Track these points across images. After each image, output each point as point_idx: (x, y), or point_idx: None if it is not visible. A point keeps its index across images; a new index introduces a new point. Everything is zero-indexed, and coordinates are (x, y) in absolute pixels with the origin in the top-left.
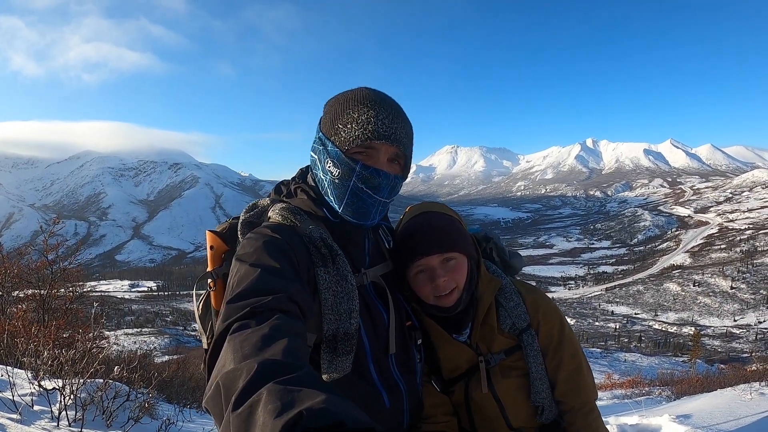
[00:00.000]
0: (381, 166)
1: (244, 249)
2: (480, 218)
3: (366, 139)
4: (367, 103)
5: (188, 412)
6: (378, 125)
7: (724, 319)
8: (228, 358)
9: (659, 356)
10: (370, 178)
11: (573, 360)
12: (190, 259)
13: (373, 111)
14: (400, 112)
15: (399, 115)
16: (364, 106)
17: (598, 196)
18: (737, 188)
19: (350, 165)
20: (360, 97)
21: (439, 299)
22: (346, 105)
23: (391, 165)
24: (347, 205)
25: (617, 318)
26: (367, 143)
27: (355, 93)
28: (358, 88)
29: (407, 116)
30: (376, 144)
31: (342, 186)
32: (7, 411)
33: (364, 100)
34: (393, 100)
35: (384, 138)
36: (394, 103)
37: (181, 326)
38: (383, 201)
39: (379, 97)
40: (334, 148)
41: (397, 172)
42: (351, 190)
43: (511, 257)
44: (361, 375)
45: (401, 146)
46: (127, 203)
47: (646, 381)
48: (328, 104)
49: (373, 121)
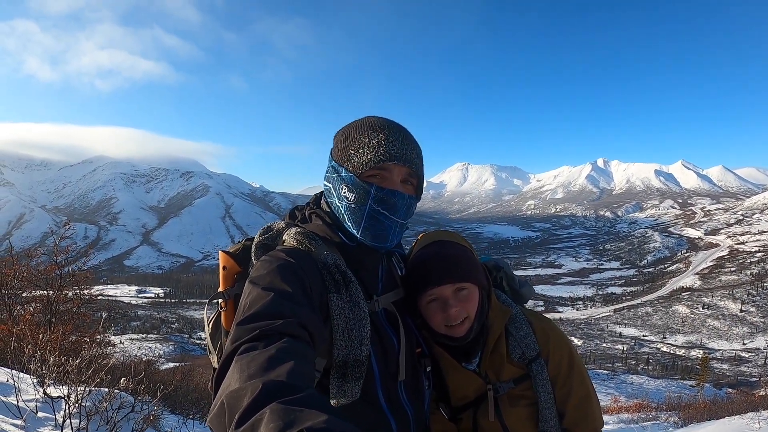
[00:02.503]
0: (395, 186)
1: (258, 272)
2: (489, 236)
3: (378, 162)
4: (376, 128)
5: (192, 423)
6: (389, 147)
7: (733, 343)
8: (234, 378)
9: (667, 379)
10: (386, 199)
11: (582, 389)
12: (198, 268)
13: (383, 134)
14: (408, 135)
15: (408, 137)
16: (373, 131)
17: (609, 217)
18: (748, 210)
19: (365, 188)
20: (369, 124)
21: (451, 329)
22: (356, 132)
23: (404, 186)
24: (365, 228)
25: (625, 340)
26: (379, 165)
27: (363, 121)
28: (366, 117)
29: (416, 139)
30: (389, 165)
31: (359, 210)
32: (12, 416)
33: (373, 126)
34: (400, 125)
35: (396, 159)
36: (402, 127)
37: (187, 334)
38: (400, 222)
39: (388, 122)
40: (348, 173)
41: (411, 192)
42: (368, 213)
43: (521, 286)
44: (370, 401)
45: (413, 166)
46: (138, 209)
47: (653, 405)
48: (338, 135)
49: (384, 144)
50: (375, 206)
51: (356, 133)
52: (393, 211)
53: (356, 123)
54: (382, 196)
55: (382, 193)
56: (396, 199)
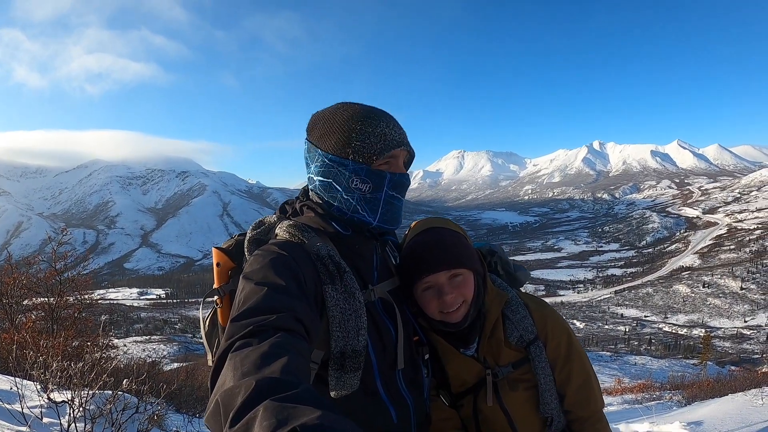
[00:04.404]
0: (402, 170)
1: (251, 267)
2: (488, 223)
3: (389, 150)
4: (372, 117)
5: (197, 422)
6: (393, 134)
7: (735, 320)
8: (228, 376)
9: (669, 359)
10: (399, 183)
11: (582, 371)
12: (198, 267)
13: (382, 122)
14: (394, 119)
15: (396, 121)
16: (371, 120)
17: (606, 199)
18: (745, 188)
19: (381, 176)
20: (361, 113)
21: (447, 315)
22: (351, 123)
23: (405, 167)
24: (383, 214)
25: (627, 321)
26: (388, 153)
27: (350, 110)
28: (343, 105)
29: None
30: (396, 152)
31: (375, 199)
32: (17, 423)
33: (367, 115)
34: (382, 109)
35: (401, 144)
36: (385, 111)
37: (190, 334)
38: (403, 201)
39: (376, 109)
40: (358, 165)
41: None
42: (384, 200)
43: (516, 270)
44: (369, 391)
45: (409, 147)
46: (135, 211)
47: (657, 385)
48: (322, 127)
49: (387, 132)
50: (390, 192)
51: (353, 124)
52: (403, 193)
53: (341, 113)
54: (397, 181)
55: (396, 179)
56: (406, 182)
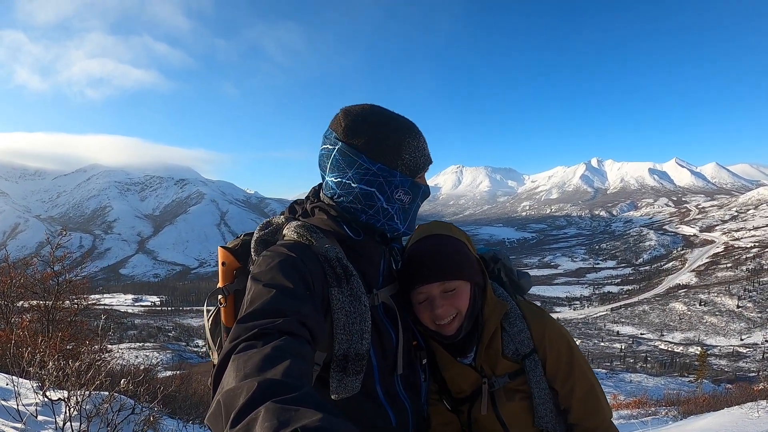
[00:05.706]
0: (427, 183)
1: (259, 267)
2: (485, 238)
3: (427, 165)
4: (417, 131)
5: (192, 427)
6: (428, 150)
7: (731, 338)
8: (230, 377)
9: (665, 377)
10: (426, 195)
11: (585, 382)
12: (194, 275)
13: (422, 137)
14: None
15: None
16: (413, 133)
17: (603, 216)
18: (743, 206)
19: (419, 189)
20: (403, 125)
21: (440, 327)
22: (399, 134)
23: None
24: (410, 222)
25: (623, 338)
26: (426, 168)
27: (394, 119)
28: (382, 110)
29: None
30: (429, 166)
31: (409, 209)
32: (12, 420)
33: (408, 127)
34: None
35: (432, 160)
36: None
37: (184, 342)
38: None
39: (408, 121)
40: (405, 177)
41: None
42: (414, 210)
43: (520, 277)
44: (368, 394)
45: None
46: (133, 217)
47: (653, 401)
48: (373, 134)
49: (426, 147)
50: (420, 203)
51: (403, 136)
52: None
53: (388, 122)
54: (427, 193)
55: (427, 192)
56: (429, 194)
